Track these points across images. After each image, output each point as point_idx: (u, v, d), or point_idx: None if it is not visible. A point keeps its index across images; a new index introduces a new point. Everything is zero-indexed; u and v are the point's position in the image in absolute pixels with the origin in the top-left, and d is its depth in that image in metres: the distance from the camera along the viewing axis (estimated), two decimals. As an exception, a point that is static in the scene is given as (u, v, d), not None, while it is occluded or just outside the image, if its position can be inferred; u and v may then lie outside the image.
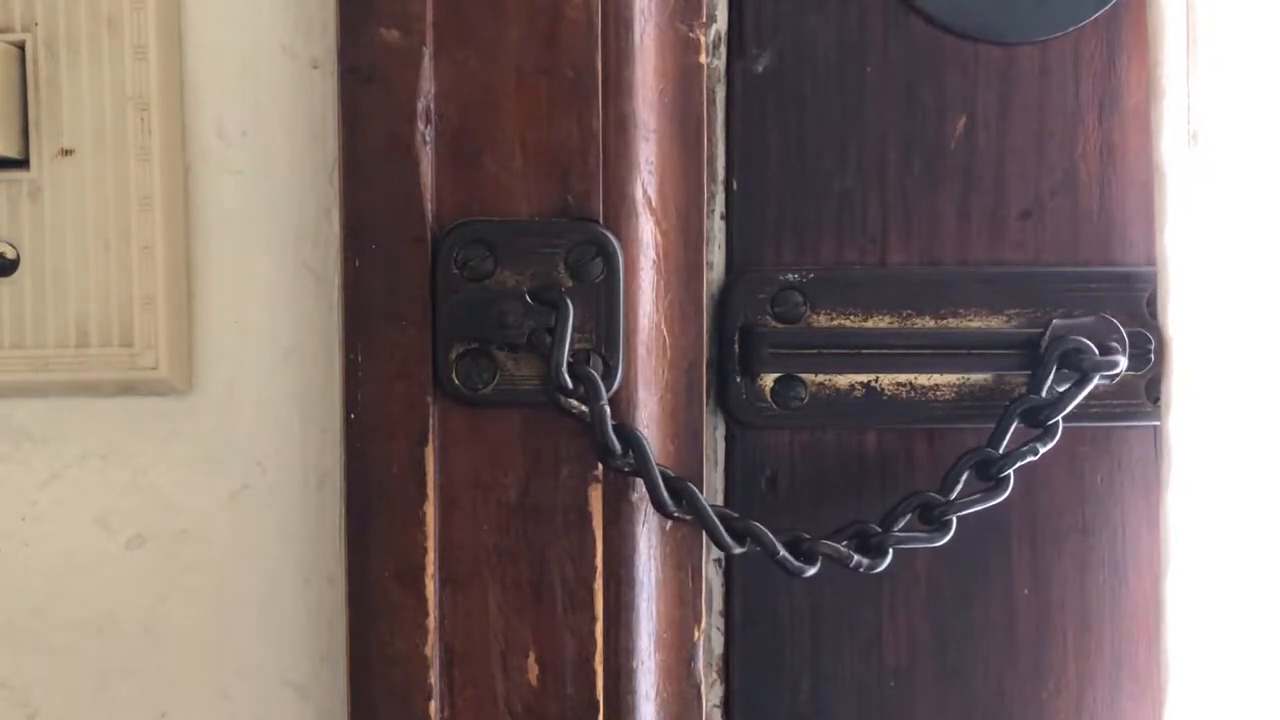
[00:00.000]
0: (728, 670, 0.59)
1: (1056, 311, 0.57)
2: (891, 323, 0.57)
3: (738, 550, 0.52)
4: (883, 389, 0.57)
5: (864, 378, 0.57)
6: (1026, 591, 0.58)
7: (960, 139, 0.57)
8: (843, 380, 0.57)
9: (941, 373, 0.57)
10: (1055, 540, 0.58)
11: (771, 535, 0.51)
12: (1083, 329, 0.55)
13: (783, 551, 0.51)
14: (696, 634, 0.55)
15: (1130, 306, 0.57)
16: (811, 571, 0.52)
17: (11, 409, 0.56)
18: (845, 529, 0.53)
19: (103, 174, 0.53)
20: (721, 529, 0.51)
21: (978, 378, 0.57)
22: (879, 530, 0.53)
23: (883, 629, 0.58)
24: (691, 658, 0.55)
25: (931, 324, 0.57)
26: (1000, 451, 0.53)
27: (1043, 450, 0.53)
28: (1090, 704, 0.59)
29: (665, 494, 0.51)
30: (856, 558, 0.52)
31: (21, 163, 0.53)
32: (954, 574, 0.58)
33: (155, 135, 0.53)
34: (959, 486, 0.53)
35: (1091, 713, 0.59)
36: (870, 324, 0.57)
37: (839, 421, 0.57)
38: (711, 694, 0.58)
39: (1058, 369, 0.54)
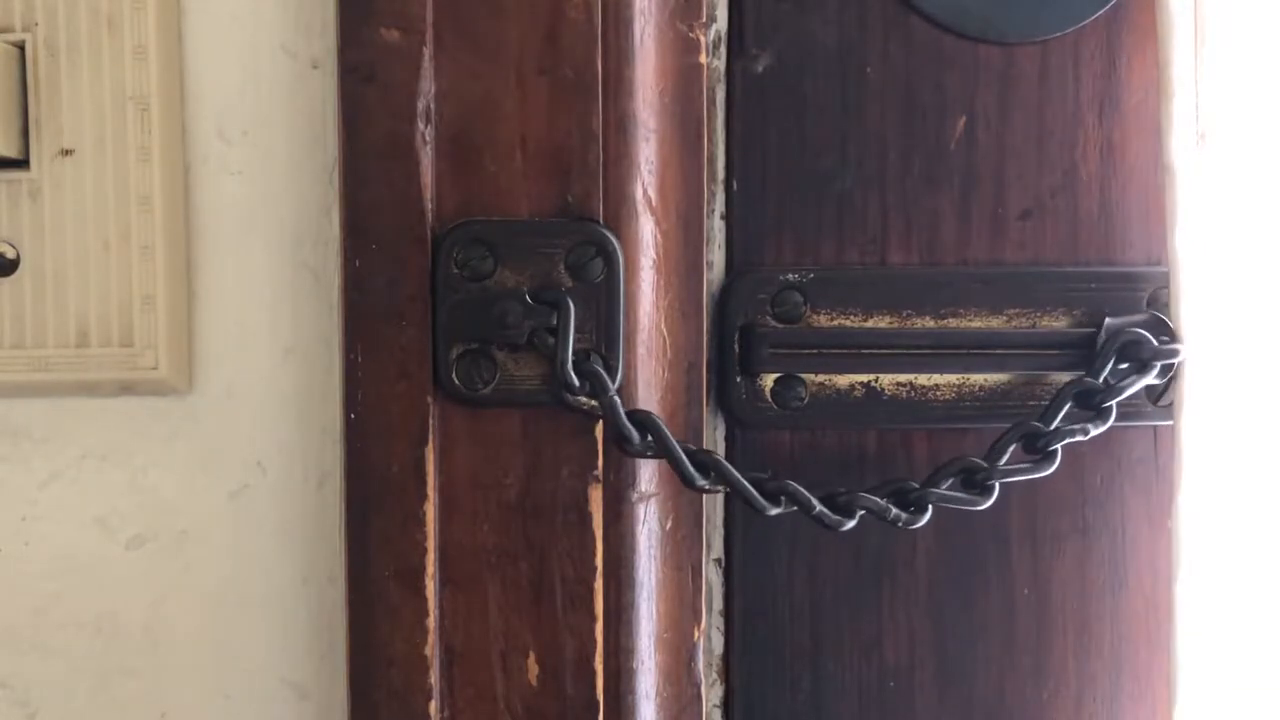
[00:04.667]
0: (728, 670, 0.59)
1: (1056, 311, 0.57)
2: (891, 323, 0.57)
3: (773, 510, 0.51)
4: (883, 389, 0.57)
5: (864, 378, 0.57)
6: (1026, 591, 0.58)
7: (960, 139, 0.57)
8: (843, 380, 0.57)
9: (942, 373, 0.57)
10: (1055, 540, 0.58)
11: (806, 492, 0.51)
12: (1136, 325, 0.55)
13: (819, 507, 0.51)
14: (696, 634, 0.55)
15: (1130, 306, 0.57)
16: (850, 525, 0.52)
17: (11, 409, 0.56)
18: (883, 486, 0.53)
19: (103, 174, 0.53)
20: (754, 491, 0.51)
21: (978, 378, 0.57)
22: (918, 487, 0.53)
23: (883, 629, 0.58)
24: (691, 658, 0.55)
25: (931, 324, 0.57)
26: (1051, 427, 0.53)
27: (1094, 432, 0.53)
28: (1090, 704, 0.59)
29: (691, 468, 0.51)
30: (895, 511, 0.52)
31: (21, 163, 0.53)
32: (954, 574, 0.58)
33: (155, 135, 0.53)
34: (1005, 457, 0.53)
35: (1091, 713, 0.59)
36: (870, 324, 0.57)
37: (839, 421, 0.57)
38: (711, 694, 0.58)
39: (1115, 361, 0.54)
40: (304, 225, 0.55)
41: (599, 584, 0.53)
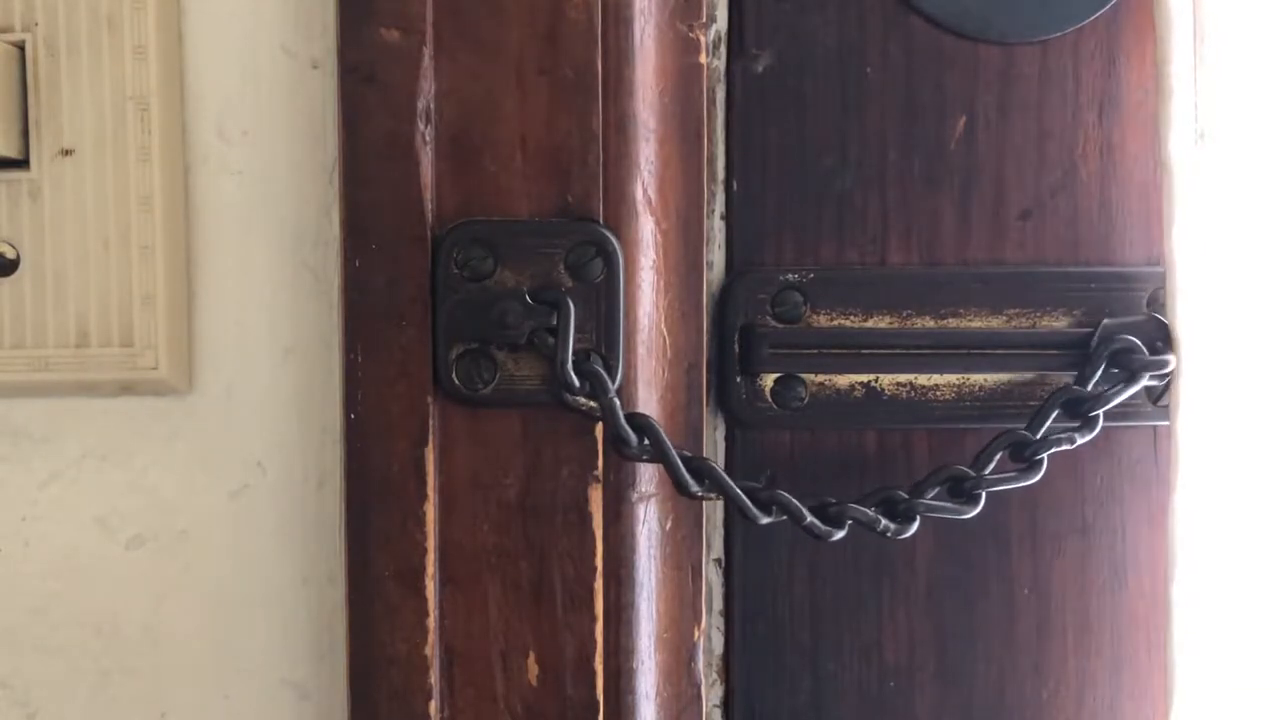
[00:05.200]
0: (728, 670, 0.59)
1: (1055, 311, 0.57)
2: (891, 323, 0.57)
3: (764, 520, 0.51)
4: (883, 389, 0.57)
5: (864, 378, 0.57)
6: (1026, 591, 0.58)
7: (960, 139, 0.57)
8: (843, 380, 0.57)
9: (942, 373, 0.57)
10: (1055, 540, 0.58)
11: (797, 502, 0.51)
12: (1133, 329, 0.55)
13: (810, 517, 0.51)
14: (696, 634, 0.55)
15: (1130, 306, 0.57)
16: (839, 535, 0.52)
17: (11, 409, 0.56)
18: (872, 495, 0.53)
19: (103, 174, 0.53)
20: (747, 501, 0.51)
21: (978, 378, 0.57)
22: (906, 497, 0.53)
23: (883, 629, 0.58)
24: (691, 658, 0.55)
25: (931, 324, 0.57)
26: (1037, 436, 0.53)
27: (1080, 441, 0.53)
28: (1090, 704, 0.59)
29: (686, 475, 0.51)
30: (884, 522, 0.52)
31: (21, 163, 0.53)
32: (954, 574, 0.58)
33: (155, 135, 0.53)
34: (991, 465, 0.53)
35: (1091, 712, 0.59)
36: (870, 324, 0.57)
37: (839, 421, 0.57)
38: (711, 694, 0.59)
39: (1106, 367, 0.54)
40: (304, 225, 0.55)
41: (599, 584, 0.53)
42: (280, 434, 0.56)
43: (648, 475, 0.54)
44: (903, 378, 0.57)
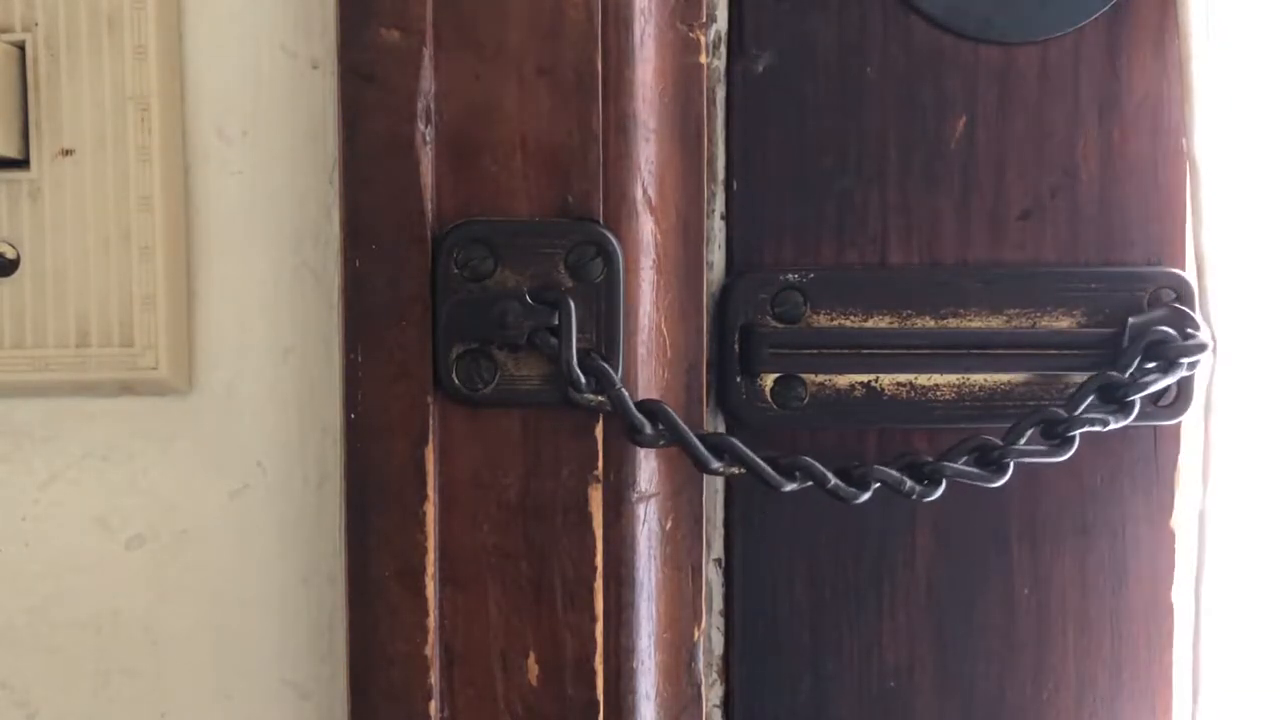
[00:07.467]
0: (728, 670, 0.59)
1: (1055, 311, 0.57)
2: (891, 323, 0.57)
3: (788, 487, 0.52)
4: (883, 389, 0.57)
5: (864, 378, 0.57)
6: (1026, 591, 0.58)
7: (960, 139, 0.57)
8: (843, 380, 0.57)
9: (942, 373, 0.57)
10: (1055, 540, 0.58)
11: (820, 466, 0.51)
12: (1159, 321, 0.55)
13: (834, 480, 0.52)
14: (696, 634, 0.55)
15: (1130, 306, 0.56)
16: (864, 498, 0.52)
17: (11, 409, 0.56)
18: (897, 459, 0.53)
19: (103, 174, 0.53)
20: (770, 470, 0.52)
21: (978, 378, 0.57)
22: (931, 460, 0.53)
23: (883, 629, 0.58)
24: (691, 658, 0.55)
25: (931, 324, 0.57)
26: (1073, 414, 0.53)
27: (1114, 424, 0.53)
28: (1090, 704, 0.59)
29: (706, 452, 0.51)
30: (910, 483, 0.52)
31: (21, 163, 0.53)
32: (954, 574, 0.58)
33: (155, 135, 0.53)
34: (1023, 439, 0.53)
35: (1091, 712, 0.59)
36: (870, 324, 0.57)
37: (839, 421, 0.57)
38: (711, 694, 0.59)
39: (1141, 360, 0.54)
40: (304, 225, 0.55)
41: (599, 584, 0.53)
42: (280, 434, 0.56)
43: (647, 475, 0.54)
44: (903, 378, 0.57)
